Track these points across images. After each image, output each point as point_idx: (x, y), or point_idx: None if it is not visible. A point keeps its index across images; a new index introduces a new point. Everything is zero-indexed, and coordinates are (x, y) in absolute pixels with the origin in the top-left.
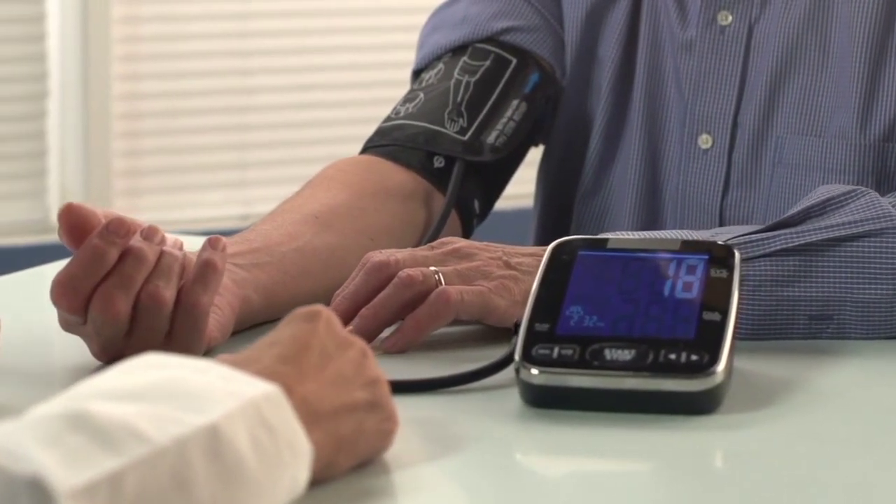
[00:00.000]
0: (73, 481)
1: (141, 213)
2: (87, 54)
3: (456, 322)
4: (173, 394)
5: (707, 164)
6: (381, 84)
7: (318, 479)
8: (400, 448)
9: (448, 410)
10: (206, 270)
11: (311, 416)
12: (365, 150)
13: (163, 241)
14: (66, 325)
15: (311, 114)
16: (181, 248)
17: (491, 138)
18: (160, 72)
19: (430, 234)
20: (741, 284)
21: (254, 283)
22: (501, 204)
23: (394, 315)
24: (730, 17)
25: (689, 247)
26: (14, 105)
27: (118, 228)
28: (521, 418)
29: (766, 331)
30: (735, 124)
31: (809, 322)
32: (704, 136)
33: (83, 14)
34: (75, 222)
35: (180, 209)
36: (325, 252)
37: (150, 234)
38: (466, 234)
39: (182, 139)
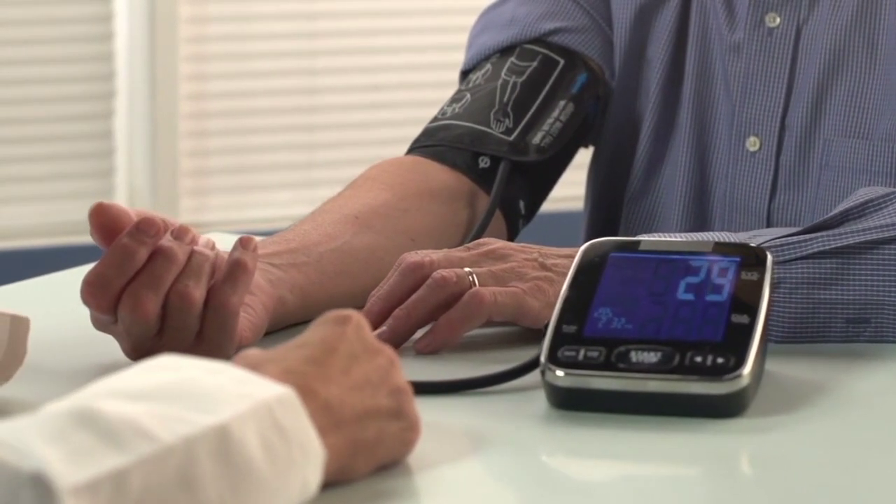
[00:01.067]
0: (75, 478)
1: (207, 212)
2: (154, 54)
3: (490, 323)
4: (184, 394)
5: (755, 167)
6: (448, 85)
7: (335, 482)
8: (422, 449)
9: (474, 412)
10: (235, 270)
11: (331, 419)
12: (411, 151)
13: (194, 240)
14: (98, 325)
15: (377, 114)
16: (213, 248)
17: (537, 139)
18: (227, 72)
19: (472, 234)
20: (775, 287)
21: (290, 282)
22: (553, 206)
23: (427, 316)
24: (777, 19)
25: (722, 249)
26: (82, 104)
27: (148, 228)
28: (546, 420)
29: (802, 334)
30: (783, 126)
31: (846, 325)
32: (752, 139)
33: (151, 14)
34: (106, 222)
35: (247, 209)
36: (364, 252)
37: (180, 233)
38: (512, 234)
39: (249, 139)
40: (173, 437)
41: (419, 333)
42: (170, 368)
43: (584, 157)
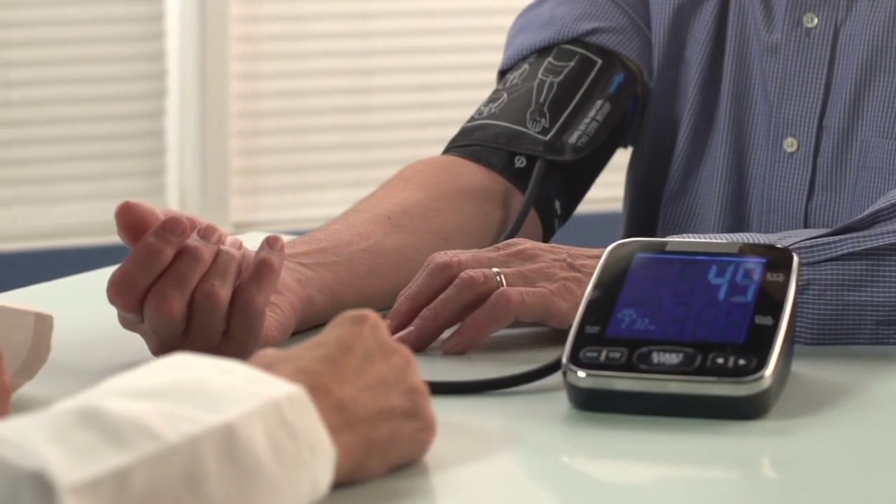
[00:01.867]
0: (76, 476)
1: (258, 212)
2: (205, 53)
3: (518, 324)
4: (192, 393)
5: (792, 168)
6: None
7: (348, 481)
8: (441, 449)
9: (496, 412)
10: (261, 269)
11: (344, 418)
12: (447, 150)
13: (220, 240)
14: (126, 323)
15: (430, 114)
16: (240, 248)
17: (573, 138)
18: (278, 71)
19: (506, 234)
20: (805, 289)
21: (319, 282)
22: (593, 207)
23: (455, 316)
24: (815, 20)
25: (748, 250)
26: (133, 104)
27: (174, 227)
28: (567, 421)
29: (831, 336)
30: (820, 128)
31: (876, 327)
32: (790, 140)
33: (202, 13)
34: (132, 221)
35: (298, 208)
36: (395, 252)
37: (207, 233)
38: (547, 234)
39: (300, 138)
40: (178, 436)
41: (447, 333)
42: (181, 367)
43: (623, 157)
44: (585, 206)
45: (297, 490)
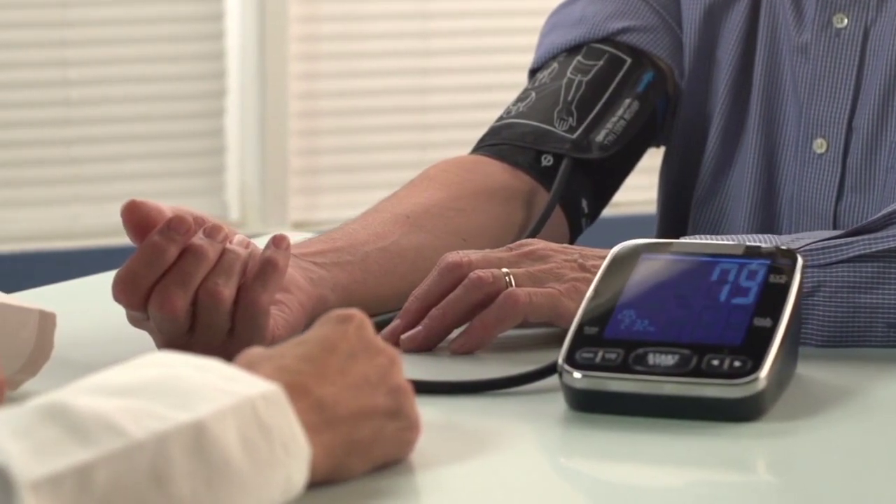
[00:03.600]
0: (37, 472)
1: (317, 211)
2: (264, 53)
3: (530, 325)
4: (166, 391)
5: (822, 169)
6: None
7: (328, 480)
8: (431, 449)
9: (492, 413)
10: (266, 268)
11: (323, 417)
12: (475, 150)
13: (226, 238)
14: (133, 321)
15: (490, 114)
16: (247, 247)
17: (600, 136)
18: (337, 71)
19: (528, 232)
20: (815, 291)
21: (332, 281)
22: (629, 209)
23: (463, 316)
24: (845, 20)
25: (753, 252)
26: (193, 103)
27: (179, 226)
28: (563, 422)
29: (843, 338)
30: (850, 129)
31: (888, 330)
32: (819, 141)
33: (261, 13)
34: (138, 219)
35: (357, 208)
36: (412, 252)
37: (213, 231)
38: (574, 233)
39: (360, 138)
40: (144, 433)
41: (456, 333)
42: (159, 365)
43: (657, 159)
44: (621, 209)
45: (269, 488)
